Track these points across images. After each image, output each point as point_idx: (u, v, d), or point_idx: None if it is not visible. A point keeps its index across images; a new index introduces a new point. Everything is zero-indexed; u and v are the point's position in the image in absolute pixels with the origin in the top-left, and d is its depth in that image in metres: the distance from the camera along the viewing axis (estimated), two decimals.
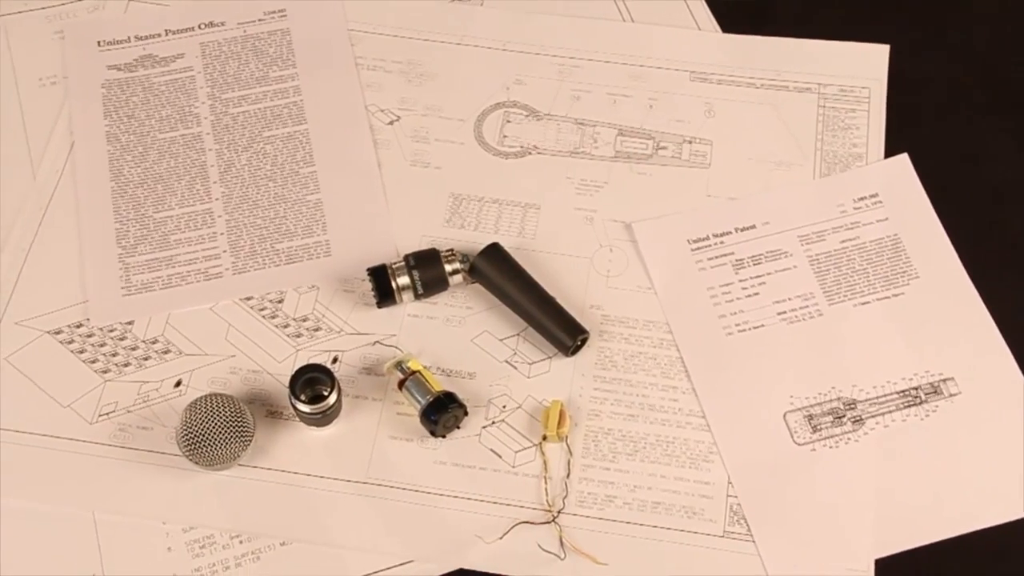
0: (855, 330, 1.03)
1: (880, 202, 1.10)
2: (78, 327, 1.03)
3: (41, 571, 0.92)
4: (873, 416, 0.99)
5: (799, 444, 0.98)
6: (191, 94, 1.16)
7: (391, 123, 1.15)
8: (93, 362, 1.02)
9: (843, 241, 1.08)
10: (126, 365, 1.02)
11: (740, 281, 1.06)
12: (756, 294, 1.05)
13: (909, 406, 0.99)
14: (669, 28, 1.21)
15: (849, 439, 0.98)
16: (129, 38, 1.20)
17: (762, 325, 1.04)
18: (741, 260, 1.07)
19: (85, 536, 0.94)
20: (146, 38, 1.20)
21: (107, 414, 0.99)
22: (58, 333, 1.03)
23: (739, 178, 1.12)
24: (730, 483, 0.97)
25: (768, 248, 1.08)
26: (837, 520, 0.95)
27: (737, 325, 1.04)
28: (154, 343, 1.03)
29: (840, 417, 0.99)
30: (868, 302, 1.05)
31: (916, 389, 1.00)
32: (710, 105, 1.16)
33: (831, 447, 0.98)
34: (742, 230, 1.09)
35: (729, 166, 1.13)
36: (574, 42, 1.20)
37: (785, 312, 1.04)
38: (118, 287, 1.05)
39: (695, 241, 1.08)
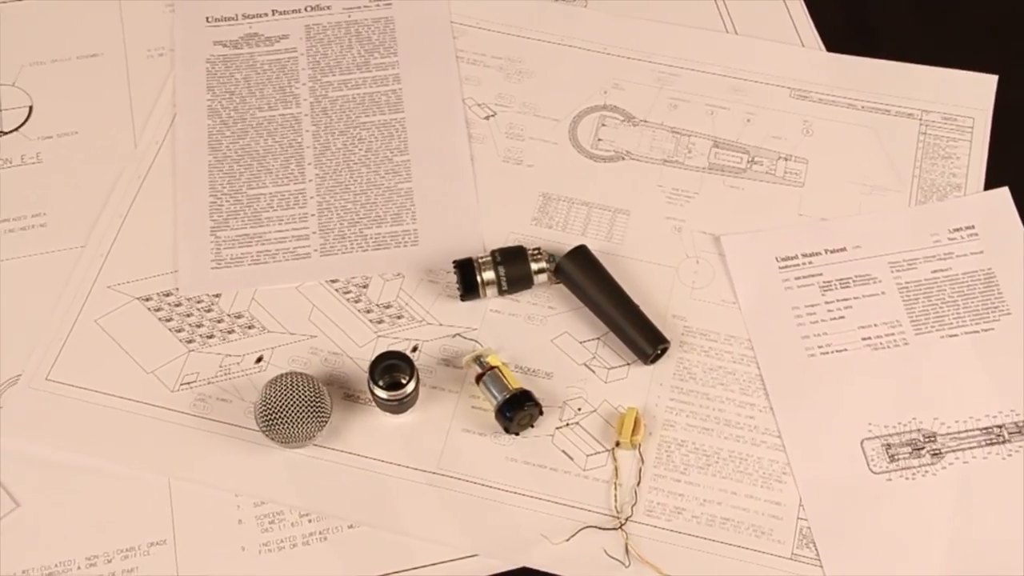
0: (940, 362, 1.02)
1: (976, 234, 1.08)
2: (167, 296, 1.05)
3: (115, 532, 0.94)
4: (953, 451, 0.97)
5: (875, 472, 0.97)
6: (292, 75, 1.18)
7: (487, 118, 1.16)
8: (179, 331, 1.03)
9: (935, 271, 1.06)
10: (210, 337, 1.03)
11: (826, 303, 1.05)
12: (842, 317, 1.04)
13: (991, 444, 0.97)
14: (773, 43, 1.20)
15: (927, 472, 0.96)
16: (237, 16, 1.21)
17: (845, 349, 1.03)
18: (829, 282, 1.06)
19: (159, 501, 0.95)
20: (253, 17, 1.21)
21: (188, 384, 1.01)
22: (147, 300, 1.05)
23: (833, 199, 1.11)
24: (801, 505, 0.96)
25: (857, 272, 1.06)
26: (908, 554, 0.93)
27: (820, 347, 1.03)
28: (239, 317, 1.04)
29: (919, 449, 0.97)
30: (956, 335, 1.03)
31: (1000, 427, 0.98)
32: (808, 123, 1.15)
33: (907, 478, 0.96)
34: (832, 252, 1.08)
35: (823, 186, 1.12)
36: (675, 50, 1.20)
37: (870, 338, 1.03)
38: (208, 260, 1.07)
39: (783, 259, 1.07)
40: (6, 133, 1.14)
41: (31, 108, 1.16)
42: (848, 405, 1.00)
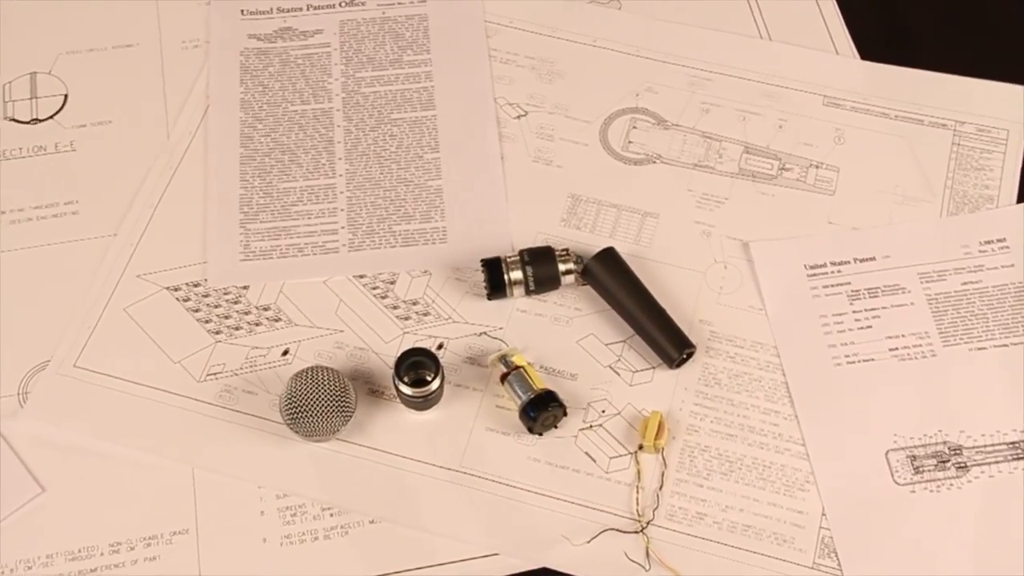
0: (968, 375, 1.01)
1: (1007, 247, 1.07)
2: (195, 286, 1.06)
3: (139, 520, 0.95)
4: (979, 464, 0.97)
5: (899, 484, 0.96)
6: (325, 70, 1.18)
7: (518, 118, 1.16)
8: (206, 322, 1.04)
9: (964, 283, 1.05)
10: (237, 328, 1.04)
11: (854, 312, 1.04)
12: (869, 327, 1.04)
13: (1018, 459, 0.97)
14: (806, 50, 1.20)
15: (952, 485, 0.96)
16: (271, 9, 1.22)
17: (872, 359, 1.02)
18: (857, 291, 1.05)
19: (183, 491, 0.96)
20: (288, 11, 1.22)
21: (215, 374, 1.01)
22: (176, 290, 1.06)
23: (863, 208, 1.11)
24: (824, 515, 0.95)
25: (886, 282, 1.06)
26: (931, 566, 0.93)
27: (847, 356, 1.02)
28: (266, 310, 1.05)
29: (944, 461, 0.97)
30: (985, 348, 1.02)
31: None
32: (841, 131, 1.15)
33: (932, 491, 0.96)
34: (861, 261, 1.07)
35: (854, 195, 1.11)
36: (708, 54, 1.19)
37: (897, 349, 1.02)
38: (237, 252, 1.08)
39: (812, 267, 1.07)
40: (41, 120, 1.15)
41: (66, 96, 1.17)
42: (874, 415, 0.99)
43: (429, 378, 0.96)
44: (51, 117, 1.15)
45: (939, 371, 1.01)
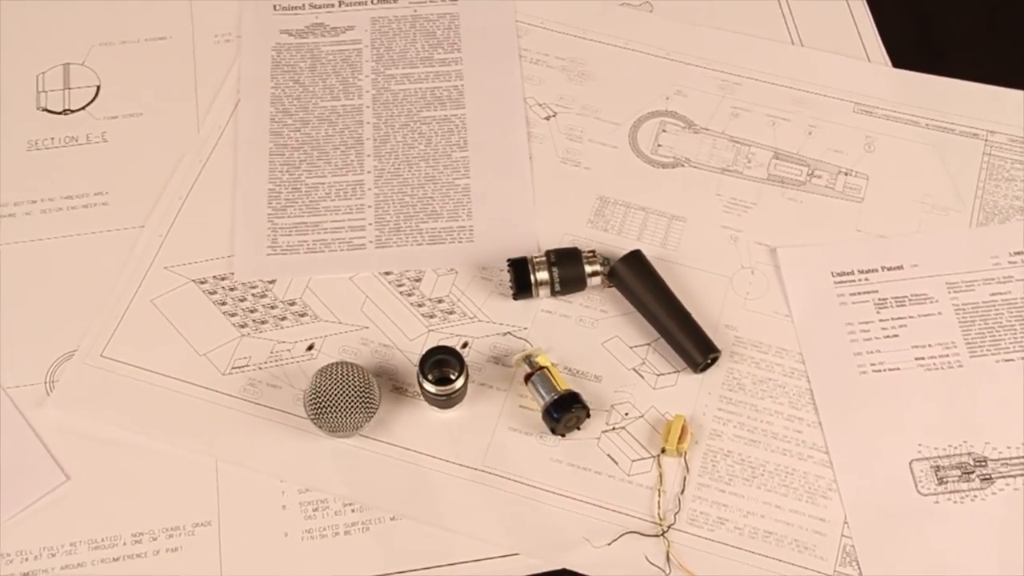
0: (995, 386, 1.00)
1: None
2: (222, 279, 1.06)
3: (161, 511, 0.95)
4: (1004, 476, 0.96)
5: (922, 494, 0.96)
6: (356, 66, 1.19)
7: (547, 118, 1.16)
8: (232, 315, 1.04)
9: (993, 294, 1.05)
10: (263, 322, 1.04)
11: (881, 321, 1.04)
12: (895, 336, 1.03)
13: None
14: (838, 56, 1.19)
15: (976, 497, 0.95)
16: (304, 5, 1.22)
17: (898, 368, 1.02)
18: (884, 300, 1.05)
19: (206, 483, 0.96)
20: (320, 7, 1.22)
21: (240, 368, 1.02)
22: (203, 283, 1.06)
23: (892, 216, 1.10)
24: (846, 523, 0.95)
25: (914, 291, 1.05)
26: None
27: (872, 365, 1.02)
28: (292, 304, 1.05)
29: (969, 473, 0.96)
30: (1012, 359, 1.02)
31: None
32: (871, 139, 1.14)
33: (955, 502, 0.95)
34: (889, 269, 1.07)
35: (883, 203, 1.11)
36: (739, 59, 1.19)
37: (924, 358, 1.02)
38: (264, 246, 1.08)
39: (839, 274, 1.07)
40: (74, 111, 1.16)
41: (99, 88, 1.17)
42: (898, 425, 0.99)
43: (453, 376, 0.97)
44: (83, 108, 1.16)
45: (965, 382, 1.01)
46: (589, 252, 1.04)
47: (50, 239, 1.08)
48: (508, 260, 1.04)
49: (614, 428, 0.99)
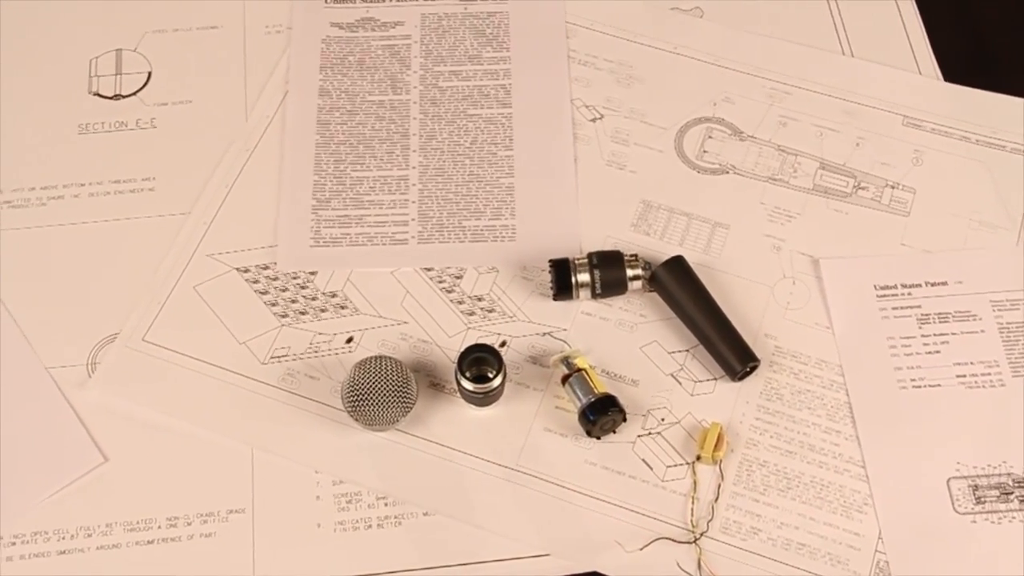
0: None
1: None
2: (264, 269, 1.07)
3: (197, 496, 0.96)
4: None
5: (959, 513, 0.95)
6: (405, 62, 1.19)
7: (594, 120, 1.16)
8: (273, 305, 1.05)
9: None
10: (303, 313, 1.05)
11: (923, 336, 1.03)
12: (937, 352, 1.02)
13: None
14: (889, 68, 1.18)
15: (1014, 518, 0.94)
16: None
17: (939, 385, 1.01)
18: (927, 315, 1.04)
19: (241, 470, 0.97)
20: (370, 1, 1.23)
21: (279, 357, 1.02)
22: (245, 272, 1.07)
23: (937, 231, 1.09)
24: (880, 539, 0.94)
25: (957, 308, 1.04)
26: None
27: (912, 380, 1.01)
28: (333, 296, 1.06)
29: (1007, 493, 0.95)
30: None
31: None
32: (919, 153, 1.13)
33: (993, 522, 0.94)
34: (933, 285, 1.06)
35: (929, 218, 1.10)
36: (789, 68, 1.18)
37: (965, 376, 1.01)
38: (308, 237, 1.09)
39: (882, 288, 1.06)
40: (124, 97, 1.17)
41: (150, 74, 1.18)
42: (937, 442, 0.98)
43: (491, 375, 0.97)
44: (134, 94, 1.17)
45: (1007, 401, 1.00)
46: (631, 256, 1.04)
47: (97, 222, 1.09)
48: (550, 261, 1.04)
49: (650, 433, 0.99)
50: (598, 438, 0.98)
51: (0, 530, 0.94)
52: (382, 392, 0.95)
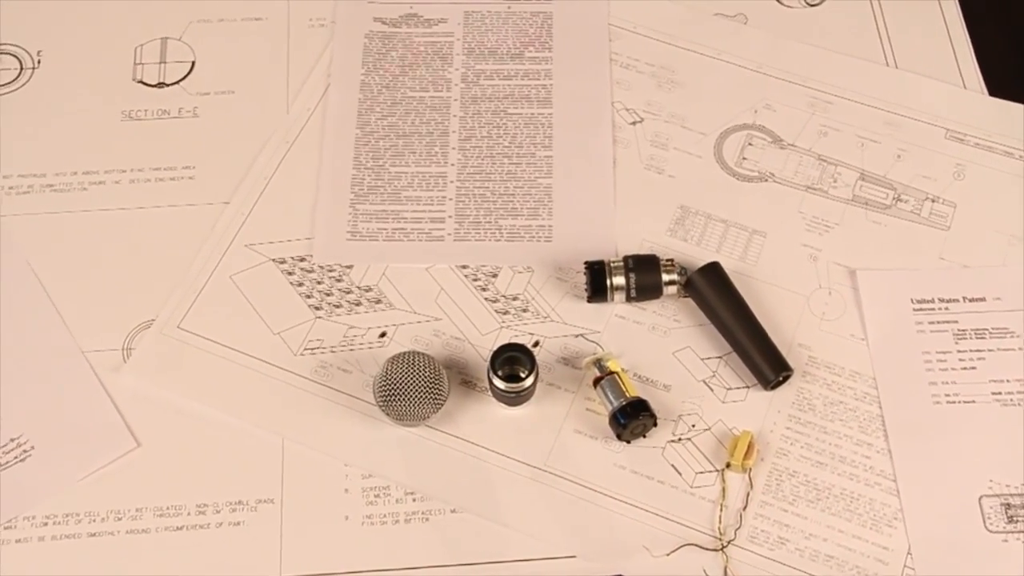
0: None
1: None
2: (301, 261, 1.07)
3: (227, 484, 0.97)
4: None
5: (991, 531, 0.94)
6: (447, 59, 1.19)
7: (633, 123, 1.15)
8: (308, 297, 1.05)
9: None
10: (338, 306, 1.05)
11: (959, 352, 1.02)
12: (973, 368, 1.02)
13: None
14: (933, 81, 1.18)
15: None
16: None
17: (973, 401, 1.00)
18: (964, 331, 1.03)
19: (272, 461, 0.98)
20: None
21: (312, 350, 1.03)
22: (282, 263, 1.07)
23: (977, 247, 1.08)
24: (909, 554, 0.94)
25: (995, 324, 1.04)
26: None
27: (947, 396, 1.00)
28: (368, 291, 1.06)
29: None
30: None
31: None
32: (961, 167, 1.13)
33: None
34: (971, 300, 1.05)
35: (969, 232, 1.09)
36: (832, 77, 1.18)
37: (1001, 393, 1.00)
38: (344, 231, 1.09)
39: (919, 302, 1.05)
40: (168, 85, 1.18)
41: (193, 63, 1.19)
42: (970, 458, 0.97)
43: (523, 375, 0.97)
44: (177, 82, 1.18)
45: None
46: (667, 261, 1.04)
47: (137, 208, 1.10)
48: (585, 263, 1.04)
49: (680, 439, 0.99)
50: (628, 442, 0.98)
51: (34, 509, 0.95)
52: (414, 388, 0.95)
